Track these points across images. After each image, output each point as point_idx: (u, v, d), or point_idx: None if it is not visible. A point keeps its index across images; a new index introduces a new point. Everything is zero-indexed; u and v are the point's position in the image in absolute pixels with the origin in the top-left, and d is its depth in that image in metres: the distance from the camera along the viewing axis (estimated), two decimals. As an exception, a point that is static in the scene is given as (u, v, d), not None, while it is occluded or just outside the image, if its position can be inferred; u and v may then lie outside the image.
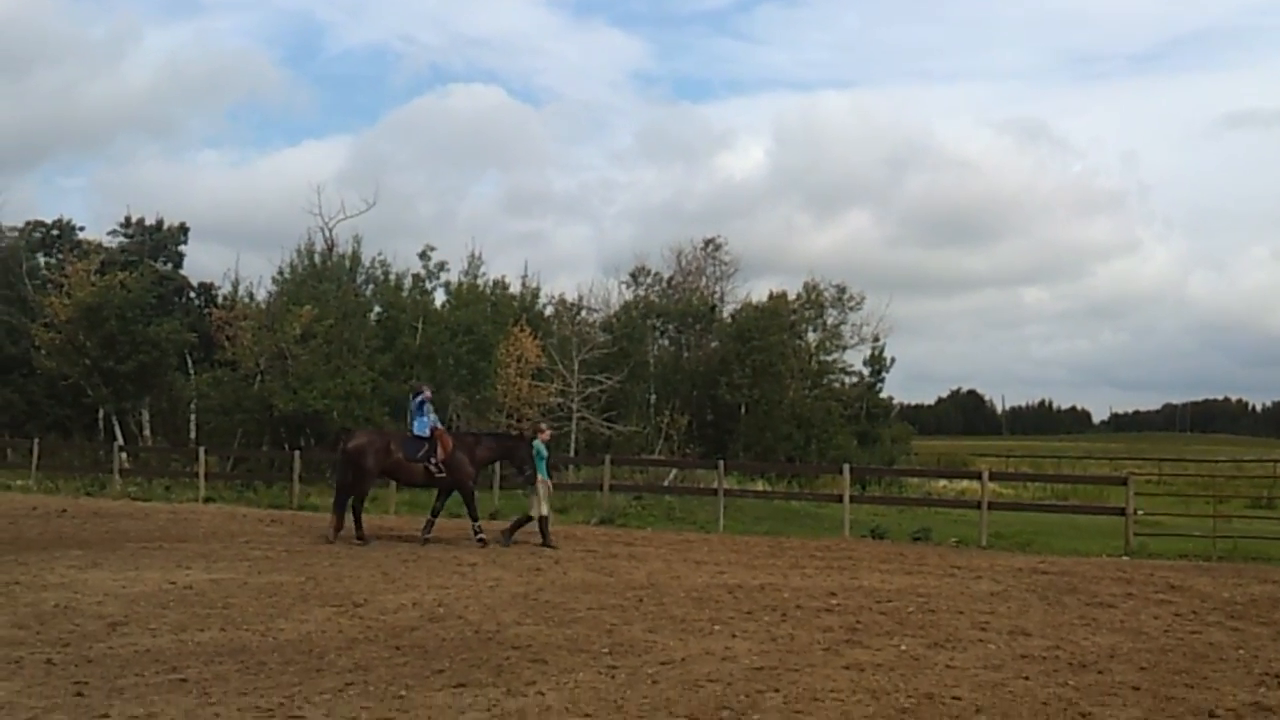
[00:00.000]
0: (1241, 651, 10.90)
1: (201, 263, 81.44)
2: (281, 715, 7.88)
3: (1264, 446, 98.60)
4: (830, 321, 47.46)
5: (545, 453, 19.72)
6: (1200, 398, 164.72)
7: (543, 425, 20.75)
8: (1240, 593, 15.00)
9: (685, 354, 45.35)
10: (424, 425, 19.53)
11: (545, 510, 19.39)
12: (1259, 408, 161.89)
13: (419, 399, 19.98)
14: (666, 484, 31.17)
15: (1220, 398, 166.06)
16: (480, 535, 19.26)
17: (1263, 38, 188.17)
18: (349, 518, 19.37)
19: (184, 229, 45.79)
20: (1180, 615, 13.06)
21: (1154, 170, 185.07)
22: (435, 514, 19.87)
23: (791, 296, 46.81)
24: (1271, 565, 18.81)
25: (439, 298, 42.22)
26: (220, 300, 42.56)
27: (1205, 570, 17.76)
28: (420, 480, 19.82)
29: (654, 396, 42.56)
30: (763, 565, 17.22)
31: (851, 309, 47.27)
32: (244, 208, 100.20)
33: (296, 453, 29.57)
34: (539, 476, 19.39)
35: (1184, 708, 8.51)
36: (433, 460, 19.29)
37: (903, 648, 10.69)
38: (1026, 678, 9.47)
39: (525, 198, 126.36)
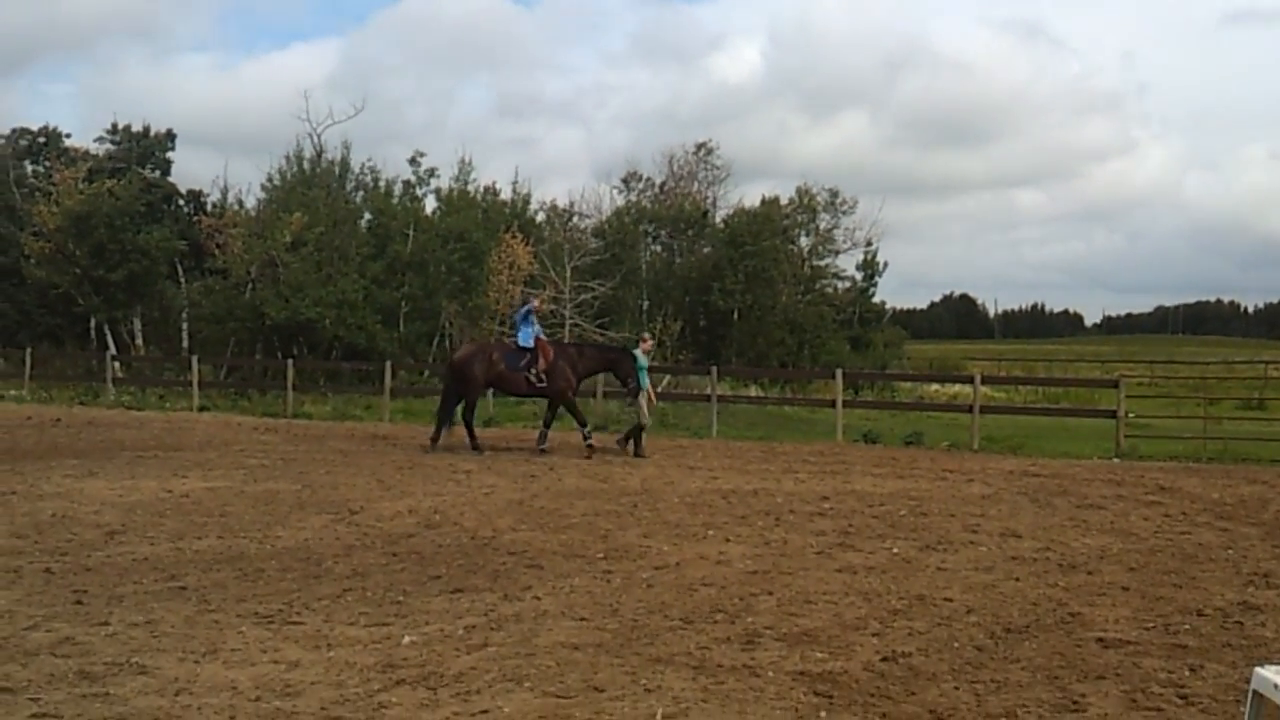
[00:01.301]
0: (1230, 551, 11.01)
1: (190, 169, 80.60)
2: (280, 621, 7.94)
3: (1255, 348, 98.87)
4: (823, 226, 47.20)
5: (645, 362, 19.71)
6: (1193, 299, 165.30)
7: (645, 335, 20.65)
8: (1229, 493, 15.13)
9: (678, 260, 45.16)
10: (527, 336, 19.63)
11: (647, 421, 19.49)
12: (1251, 309, 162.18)
13: (525, 309, 20.23)
14: (660, 390, 31.21)
15: (1213, 299, 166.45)
16: (590, 441, 19.35)
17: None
18: (460, 429, 19.79)
19: (171, 135, 45.17)
20: (1169, 516, 13.17)
21: (1152, 70, 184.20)
22: (547, 424, 19.90)
23: (784, 201, 46.55)
24: (1261, 466, 18.96)
25: (430, 204, 41.95)
26: (209, 208, 42.17)
27: (1195, 471, 17.90)
28: (523, 390, 19.97)
29: (646, 303, 42.49)
30: (756, 470, 17.32)
31: (844, 213, 47.02)
32: (232, 113, 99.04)
33: (290, 361, 29.58)
34: (641, 387, 19.36)
35: (1172, 607, 8.60)
36: (533, 370, 19.38)
37: (894, 550, 10.78)
38: (1017, 579, 9.56)
39: (516, 102, 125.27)
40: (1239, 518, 13.17)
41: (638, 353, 19.68)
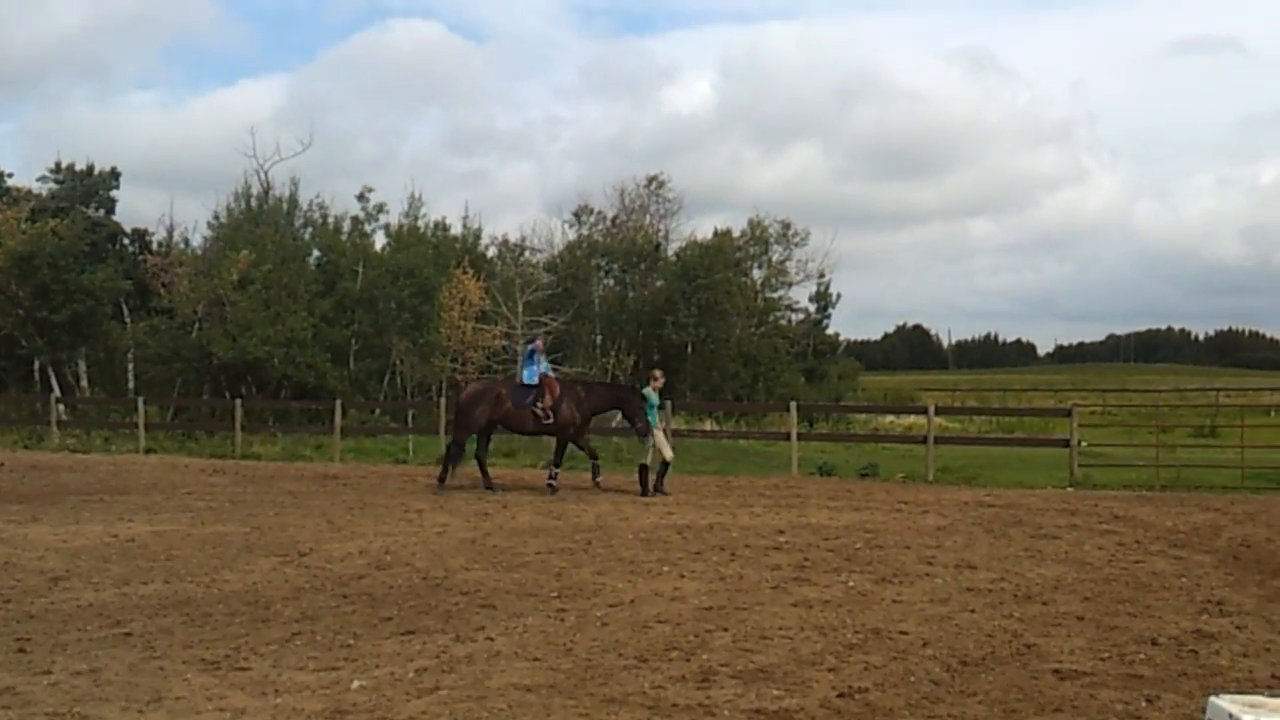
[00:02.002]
0: (1183, 579, 11.04)
1: (135, 208, 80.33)
2: (227, 667, 7.78)
3: (1206, 375, 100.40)
4: (775, 258, 47.33)
5: (656, 401, 19.39)
6: (1144, 328, 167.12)
7: (655, 372, 20.38)
8: (1182, 521, 15.20)
9: (630, 293, 45.13)
10: (532, 374, 19.57)
11: (657, 458, 18.84)
12: (1201, 336, 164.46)
13: (530, 347, 20.21)
14: (614, 425, 31.10)
15: (1163, 327, 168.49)
16: (552, 482, 19.11)
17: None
18: (472, 468, 19.75)
19: (115, 174, 44.69)
20: (1124, 545, 13.20)
21: (1101, 99, 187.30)
22: (556, 464, 19.56)
23: (737, 233, 46.67)
24: (1213, 494, 19.11)
25: (379, 240, 41.80)
26: (155, 247, 41.77)
27: (1148, 500, 18.00)
28: (530, 428, 19.82)
29: (599, 337, 42.41)
30: (711, 505, 17.26)
31: (796, 245, 47.15)
32: (178, 151, 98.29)
33: (238, 401, 29.33)
34: (651, 426, 18.99)
35: (1127, 637, 8.59)
36: (539, 406, 19.26)
37: (850, 584, 10.73)
38: (972, 610, 9.53)
39: (468, 136, 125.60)
40: (1192, 546, 13.23)
41: (648, 391, 19.33)
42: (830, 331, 50.66)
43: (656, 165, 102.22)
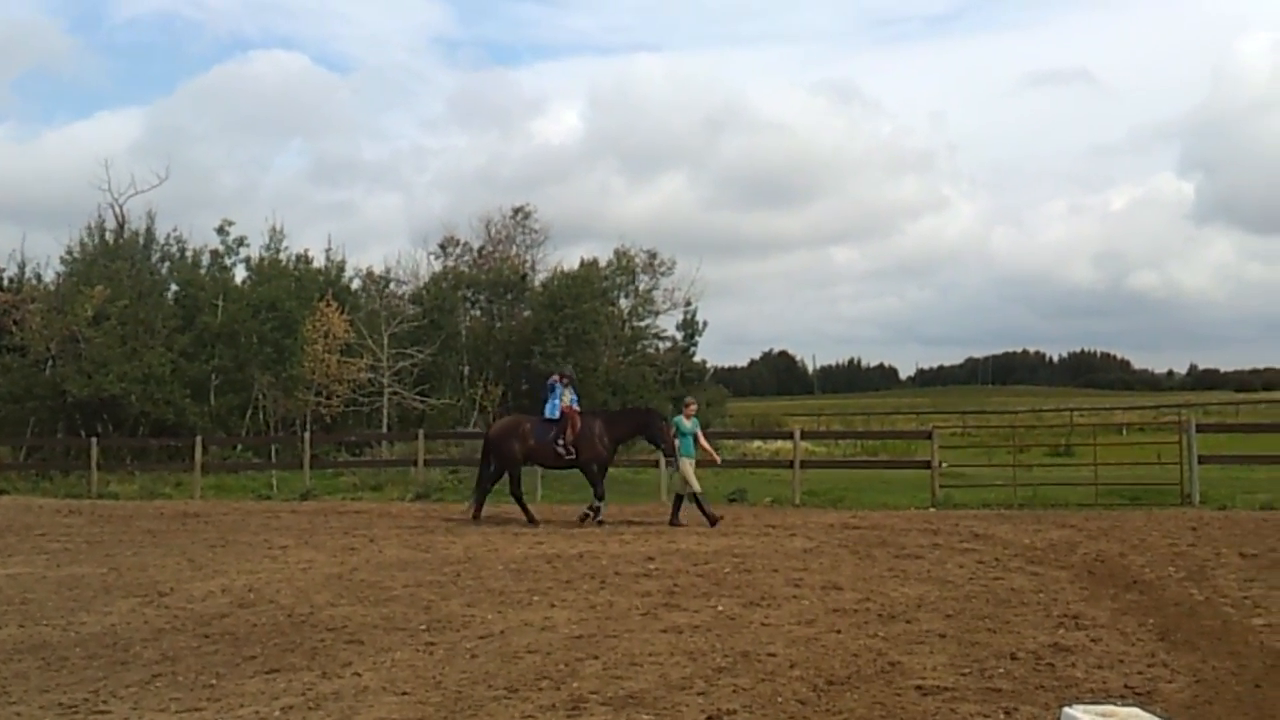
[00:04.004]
0: (1041, 595, 11.34)
1: (-16, 244, 77.56)
2: (86, 711, 7.57)
3: (1061, 396, 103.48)
4: (642, 287, 47.47)
5: (687, 428, 18.87)
6: (1001, 350, 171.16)
7: (689, 399, 20.06)
8: (1039, 538, 15.62)
9: (497, 324, 44.89)
10: (554, 408, 19.29)
11: (697, 488, 18.50)
12: (1056, 358, 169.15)
13: (550, 381, 19.98)
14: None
15: (1019, 350, 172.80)
16: (599, 516, 18.70)
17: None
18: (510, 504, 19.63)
19: (-37, 209, 43.46)
20: (984, 563, 13.52)
21: (961, 130, 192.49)
22: (598, 496, 19.16)
23: (603, 263, 46.80)
24: (1069, 511, 19.67)
25: (240, 274, 41.07)
26: (6, 283, 40.45)
27: (1007, 518, 18.45)
28: (553, 462, 19.60)
29: (467, 368, 42.12)
30: (581, 534, 17.28)
31: (663, 274, 47.29)
32: (30, 185, 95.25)
33: (93, 440, 28.57)
34: (682, 455, 18.59)
35: (987, 652, 8.80)
36: (560, 442, 18.99)
37: (719, 608, 10.82)
38: (838, 630, 9.68)
39: (333, 167, 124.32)
40: (1049, 562, 13.59)
41: (680, 419, 19.02)
42: (697, 359, 50.83)
43: (525, 195, 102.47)
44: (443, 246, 46.69)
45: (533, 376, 42.20)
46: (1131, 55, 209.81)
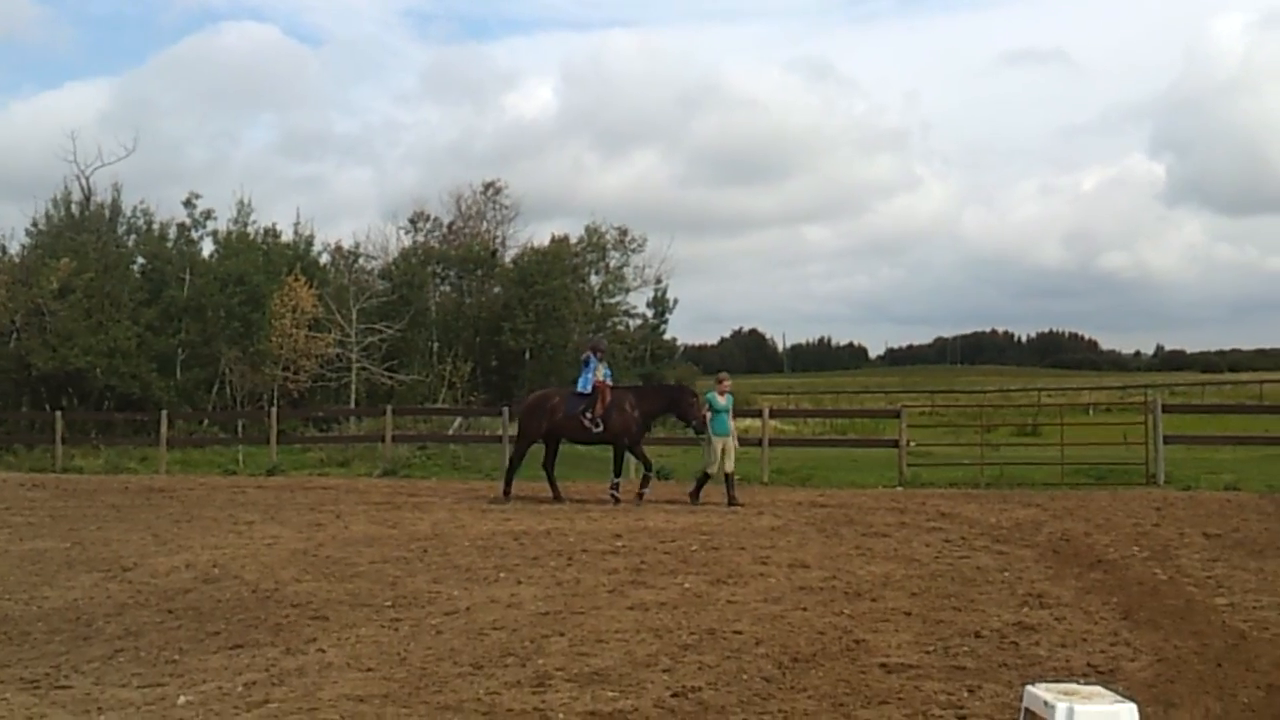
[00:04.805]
0: (1006, 574, 11.39)
1: (-52, 216, 76.71)
2: (47, 686, 7.52)
3: (1029, 376, 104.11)
4: (613, 264, 47.49)
5: (721, 405, 18.53)
6: (970, 330, 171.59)
7: (722, 375, 19.75)
8: (1005, 517, 15.70)
9: (467, 300, 44.80)
10: (586, 382, 19.00)
11: (729, 466, 18.21)
12: (1024, 339, 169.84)
13: (584, 355, 19.80)
14: (451, 433, 30.92)
15: (988, 330, 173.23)
16: (614, 493, 18.51)
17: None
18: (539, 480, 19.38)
19: (-73, 179, 43.00)
20: (950, 541, 13.58)
21: (935, 108, 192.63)
22: (647, 467, 19.04)
23: (574, 240, 46.73)
24: (1034, 490, 19.78)
25: (207, 247, 40.81)
26: (-31, 255, 40.14)
27: (973, 497, 18.54)
28: (582, 436, 19.30)
29: (436, 344, 42.03)
30: (548, 511, 17.26)
31: (633, 251, 47.33)
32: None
33: (58, 413, 28.40)
34: (714, 434, 18.26)
35: (952, 630, 8.84)
36: (588, 415, 18.78)
37: (686, 585, 10.82)
38: (804, 608, 9.70)
39: (304, 140, 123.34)
40: (1014, 541, 13.66)
41: (711, 394, 18.76)
42: (668, 336, 51.02)
43: (498, 170, 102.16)
44: (413, 221, 46.60)
45: (502, 353, 42.19)
46: (1104, 35, 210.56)
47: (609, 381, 19.38)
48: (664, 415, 20.57)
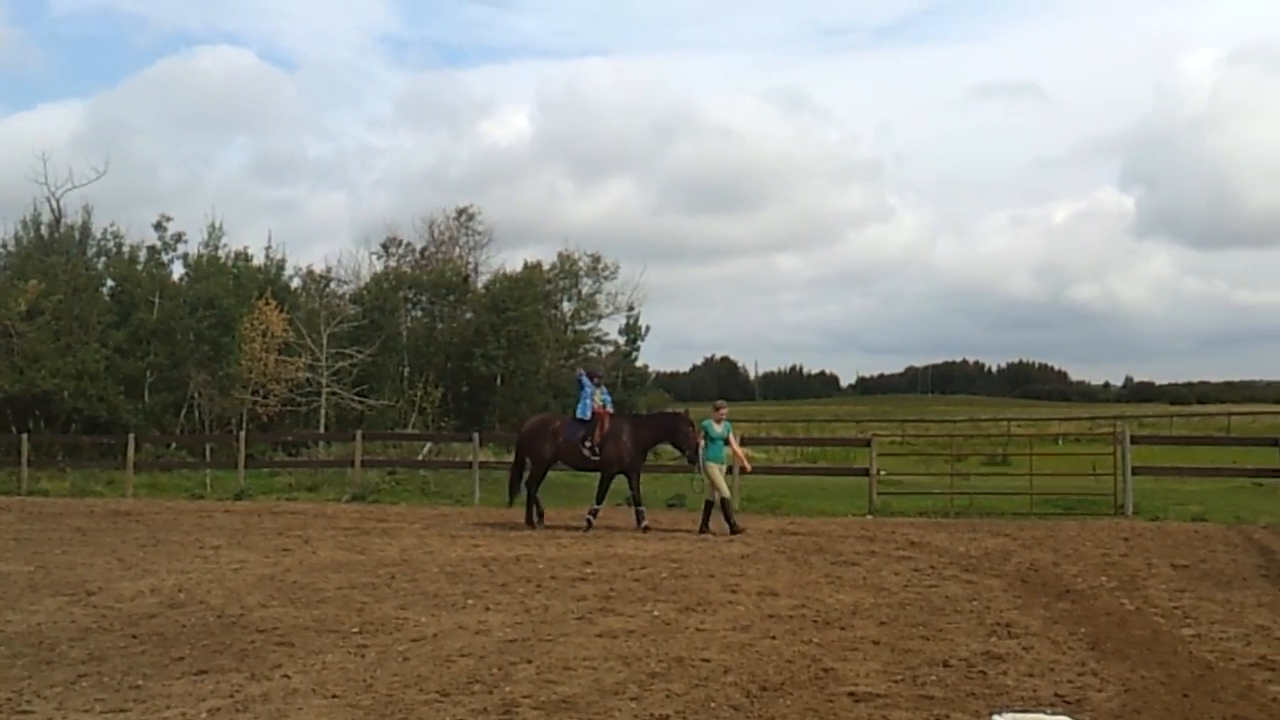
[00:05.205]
0: (975, 603, 11.41)
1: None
2: (9, 711, 7.44)
3: (999, 406, 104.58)
4: (585, 291, 47.49)
5: (717, 433, 18.28)
6: (941, 360, 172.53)
7: (720, 402, 19.49)
8: (974, 547, 15.74)
9: (439, 325, 44.68)
10: (585, 408, 18.89)
11: (726, 493, 18.06)
12: (995, 369, 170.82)
13: (579, 375, 19.73)
14: (421, 458, 30.81)
15: (959, 360, 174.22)
16: (590, 519, 18.38)
17: (999, 10, 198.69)
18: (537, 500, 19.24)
19: (-106, 200, 42.72)
20: (919, 570, 13.60)
21: (908, 139, 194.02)
22: (638, 502, 18.79)
23: (547, 266, 46.71)
24: (1004, 520, 19.83)
25: (177, 270, 40.62)
26: (-62, 276, 39.84)
27: (943, 527, 18.58)
28: (580, 462, 19.20)
29: (407, 369, 41.86)
30: (518, 537, 17.21)
31: (606, 278, 47.35)
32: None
33: (24, 435, 28.09)
34: (708, 461, 18.05)
35: (920, 659, 8.84)
36: (587, 443, 18.67)
37: (655, 613, 10.80)
38: (773, 637, 9.69)
39: (277, 164, 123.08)
40: (983, 570, 13.69)
41: (708, 422, 18.50)
42: (640, 364, 50.92)
43: (473, 197, 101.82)
44: (385, 246, 46.48)
45: (473, 379, 42.07)
46: (1076, 70, 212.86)
47: (608, 408, 19.32)
48: (660, 444, 20.29)
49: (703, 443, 18.20)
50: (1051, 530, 17.77)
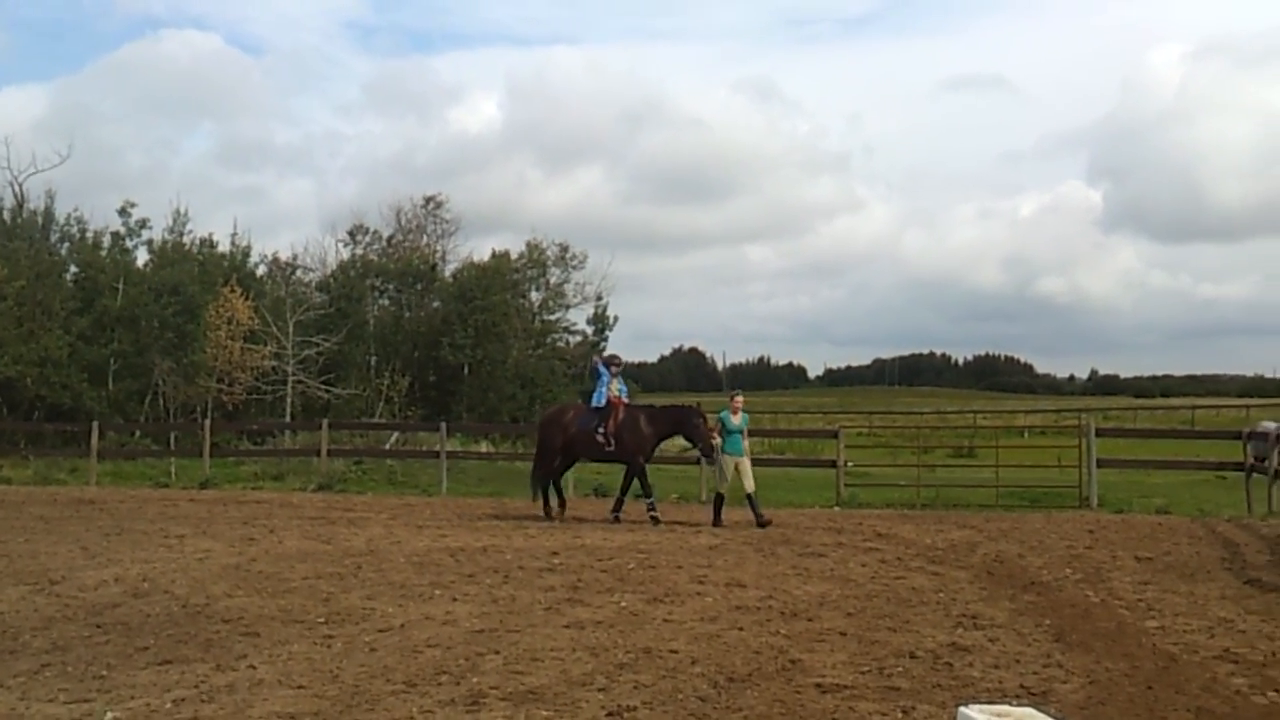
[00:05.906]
0: (941, 595, 11.45)
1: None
2: (-32, 703, 7.36)
3: (966, 398, 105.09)
4: (553, 280, 47.42)
5: (734, 425, 17.85)
6: (908, 352, 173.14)
7: (736, 393, 19.22)
8: (941, 538, 15.79)
9: (406, 314, 44.53)
10: (600, 396, 18.72)
11: (750, 487, 17.63)
12: (961, 361, 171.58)
13: (594, 364, 19.72)
14: (388, 447, 30.71)
15: (926, 352, 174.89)
16: (653, 513, 17.95)
17: (968, 3, 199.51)
18: (553, 491, 19.05)
19: None
20: (886, 562, 13.63)
21: (877, 131, 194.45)
22: (623, 492, 18.73)
23: (515, 255, 46.61)
24: (970, 511, 19.94)
25: (142, 257, 40.32)
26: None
27: (910, 518, 18.64)
28: (595, 453, 18.98)
29: (374, 358, 41.75)
30: (486, 527, 17.17)
31: (574, 268, 47.31)
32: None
33: (-14, 423, 27.86)
34: (725, 453, 17.72)
35: (887, 650, 8.86)
36: (601, 431, 18.46)
37: (623, 604, 10.79)
38: (741, 628, 9.69)
39: (244, 150, 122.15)
40: (949, 562, 13.74)
41: (726, 414, 18.06)
42: (607, 354, 50.93)
43: (441, 184, 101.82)
44: (352, 234, 46.26)
45: (441, 368, 41.95)
46: (1044, 64, 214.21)
47: (625, 398, 19.20)
48: (673, 436, 19.79)
49: (719, 438, 17.93)
50: (1017, 522, 17.86)
